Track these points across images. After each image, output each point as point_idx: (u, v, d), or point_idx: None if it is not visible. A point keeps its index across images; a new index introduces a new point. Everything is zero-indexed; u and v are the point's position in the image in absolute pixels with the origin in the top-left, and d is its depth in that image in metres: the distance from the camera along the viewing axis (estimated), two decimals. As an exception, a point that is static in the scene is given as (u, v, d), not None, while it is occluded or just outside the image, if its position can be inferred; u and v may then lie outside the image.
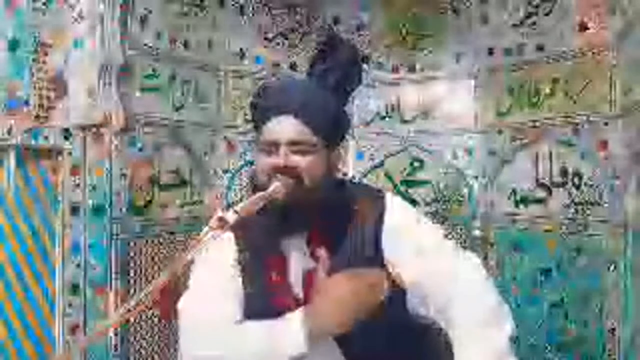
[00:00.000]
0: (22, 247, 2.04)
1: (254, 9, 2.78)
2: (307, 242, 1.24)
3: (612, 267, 2.24)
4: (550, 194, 2.55)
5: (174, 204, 2.51)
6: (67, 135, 2.11)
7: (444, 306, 1.17)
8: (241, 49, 2.77)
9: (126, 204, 2.26)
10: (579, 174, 2.43)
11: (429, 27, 2.87)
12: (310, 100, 1.23)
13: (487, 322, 1.12)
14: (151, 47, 2.37)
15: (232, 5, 2.72)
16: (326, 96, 1.26)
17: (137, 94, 2.32)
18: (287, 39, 2.85)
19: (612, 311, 2.23)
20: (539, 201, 2.59)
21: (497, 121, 2.73)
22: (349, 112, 1.39)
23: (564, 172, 2.50)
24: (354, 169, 2.90)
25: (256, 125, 1.28)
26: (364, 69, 1.39)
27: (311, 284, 1.21)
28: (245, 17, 2.76)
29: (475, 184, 2.80)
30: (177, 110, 2.51)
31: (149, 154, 2.37)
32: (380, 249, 1.23)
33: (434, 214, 2.81)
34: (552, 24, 2.50)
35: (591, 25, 2.35)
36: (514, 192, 2.68)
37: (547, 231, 2.55)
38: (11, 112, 1.96)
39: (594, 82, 2.34)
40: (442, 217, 2.81)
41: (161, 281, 1.06)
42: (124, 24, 2.20)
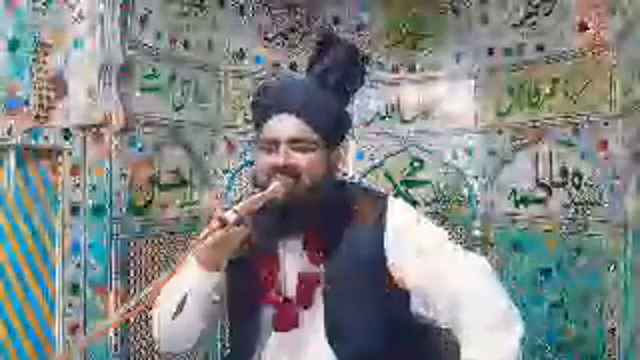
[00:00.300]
0: (22, 247, 2.03)
1: (254, 9, 2.77)
2: (304, 243, 1.24)
3: (612, 267, 2.24)
4: (550, 194, 2.55)
5: (174, 204, 2.51)
6: (67, 135, 2.11)
7: (448, 307, 1.16)
8: (241, 49, 2.77)
9: (126, 204, 2.26)
10: (579, 174, 2.43)
11: (429, 27, 2.87)
12: (311, 99, 1.23)
13: (496, 326, 1.12)
14: (151, 47, 2.37)
15: (232, 5, 2.72)
16: (327, 95, 1.26)
17: (137, 94, 2.32)
18: (287, 39, 2.85)
19: (612, 311, 2.23)
20: (539, 201, 2.59)
21: (497, 121, 2.72)
22: (349, 112, 1.38)
23: (564, 172, 2.50)
24: (354, 169, 2.90)
25: (257, 124, 1.28)
26: (365, 70, 1.38)
27: (305, 285, 1.22)
28: (245, 17, 2.76)
29: (475, 184, 2.80)
30: (177, 110, 2.51)
31: (149, 154, 2.37)
32: (383, 252, 1.22)
33: (434, 214, 2.81)
34: (552, 24, 2.50)
35: (591, 25, 2.34)
36: (514, 192, 2.68)
37: (547, 231, 2.55)
38: (11, 112, 1.96)
39: (594, 82, 2.33)
40: (442, 217, 2.81)
41: (161, 281, 1.06)
42: (124, 24, 2.20)
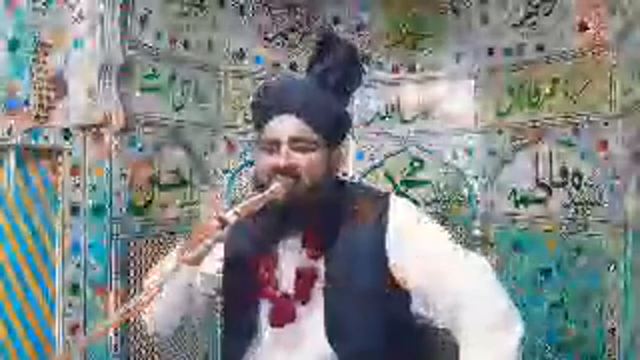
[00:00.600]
0: (22, 247, 2.03)
1: (254, 9, 2.77)
2: (302, 241, 1.23)
3: (612, 267, 2.24)
4: (550, 194, 2.55)
5: (174, 204, 2.51)
6: (67, 135, 2.11)
7: (448, 307, 1.16)
8: (241, 49, 2.77)
9: (126, 204, 2.26)
10: (579, 174, 2.43)
11: (429, 27, 2.87)
12: (311, 99, 1.23)
13: (496, 326, 1.12)
14: (151, 47, 2.37)
15: (232, 5, 2.72)
16: (327, 96, 1.26)
17: (137, 94, 2.32)
18: (287, 39, 2.85)
19: (612, 311, 2.23)
20: (539, 201, 2.59)
21: (497, 121, 2.72)
22: (349, 112, 1.38)
23: (564, 172, 2.50)
24: (354, 169, 2.90)
25: (258, 124, 1.28)
26: (364, 69, 1.38)
27: (303, 279, 1.22)
28: (245, 17, 2.76)
29: (475, 184, 2.80)
30: (177, 110, 2.51)
31: (149, 154, 2.37)
32: (384, 252, 1.21)
33: (434, 214, 2.81)
34: (552, 24, 2.50)
35: (591, 25, 2.34)
36: (514, 192, 2.68)
37: (547, 231, 2.55)
38: (11, 112, 1.96)
39: (594, 82, 2.33)
40: (442, 217, 2.81)
41: (161, 281, 1.06)
42: (124, 24, 2.20)
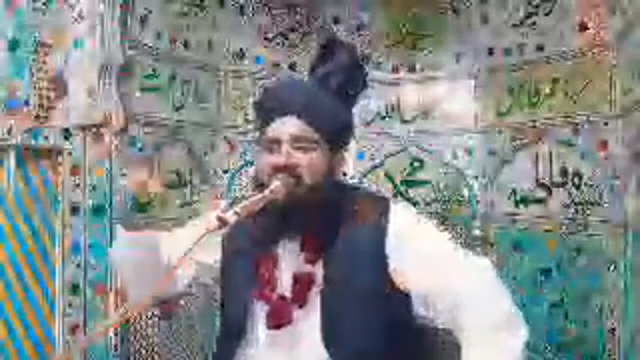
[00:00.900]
0: (22, 247, 2.04)
1: (254, 9, 2.77)
2: (301, 245, 1.24)
3: (612, 267, 2.24)
4: (550, 194, 2.55)
5: (174, 204, 2.51)
6: (67, 135, 2.11)
7: (449, 307, 1.16)
8: (241, 49, 2.76)
9: (127, 203, 2.26)
10: (579, 174, 2.43)
11: (429, 27, 2.86)
12: (313, 101, 1.24)
13: (499, 326, 1.12)
14: (151, 47, 2.37)
15: (232, 5, 2.72)
16: (329, 97, 1.26)
17: (137, 94, 2.32)
18: (287, 39, 2.85)
19: (612, 311, 2.23)
20: (539, 201, 2.59)
21: (497, 121, 2.72)
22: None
23: (564, 172, 2.49)
24: (354, 169, 2.90)
25: (260, 126, 1.29)
26: (367, 73, 1.39)
27: (300, 284, 1.22)
28: (245, 17, 2.76)
29: (475, 184, 2.80)
30: (177, 110, 2.51)
31: (149, 154, 2.37)
32: (383, 255, 1.21)
33: (434, 214, 2.81)
34: (552, 24, 2.50)
35: (591, 25, 2.34)
36: (514, 192, 2.68)
37: (547, 231, 2.55)
38: (11, 112, 1.96)
39: (594, 82, 2.33)
40: (442, 217, 2.81)
41: (161, 281, 1.07)
42: (124, 24, 2.20)
